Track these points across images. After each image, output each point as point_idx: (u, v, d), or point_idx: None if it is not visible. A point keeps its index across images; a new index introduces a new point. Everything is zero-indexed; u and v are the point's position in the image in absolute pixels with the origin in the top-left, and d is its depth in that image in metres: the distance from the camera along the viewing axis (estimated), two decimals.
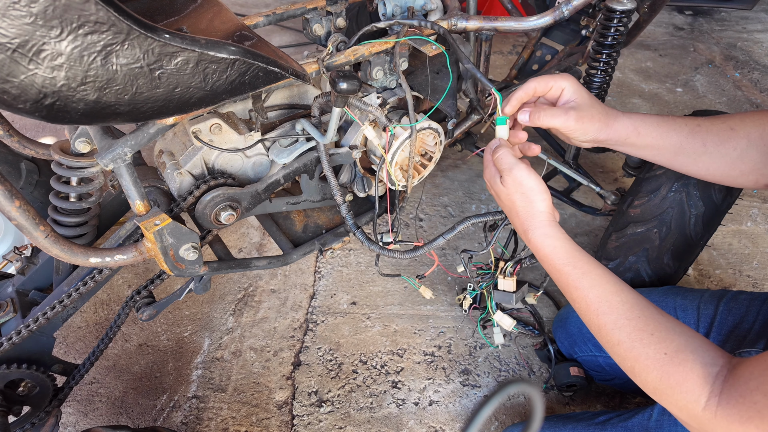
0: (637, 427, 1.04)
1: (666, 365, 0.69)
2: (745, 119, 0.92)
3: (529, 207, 0.86)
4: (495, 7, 3.03)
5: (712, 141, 0.92)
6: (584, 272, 0.81)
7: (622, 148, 0.99)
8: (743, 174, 0.92)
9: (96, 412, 1.42)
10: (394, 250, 1.14)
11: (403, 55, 1.13)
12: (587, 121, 0.91)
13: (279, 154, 1.09)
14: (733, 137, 0.91)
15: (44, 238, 0.83)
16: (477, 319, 1.52)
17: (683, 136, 0.94)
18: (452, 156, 2.26)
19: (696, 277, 1.76)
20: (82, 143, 1.02)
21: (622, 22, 1.34)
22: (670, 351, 0.70)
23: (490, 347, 1.54)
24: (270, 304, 1.68)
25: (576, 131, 0.92)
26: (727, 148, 0.92)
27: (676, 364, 0.69)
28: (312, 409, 1.41)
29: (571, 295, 0.83)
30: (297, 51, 3.05)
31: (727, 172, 0.93)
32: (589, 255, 0.83)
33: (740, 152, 0.91)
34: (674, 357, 0.69)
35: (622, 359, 0.76)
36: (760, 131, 0.89)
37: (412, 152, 1.15)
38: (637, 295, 0.78)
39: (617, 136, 0.94)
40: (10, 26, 0.54)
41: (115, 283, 1.75)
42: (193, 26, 0.89)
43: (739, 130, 0.91)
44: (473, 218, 1.11)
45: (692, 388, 0.67)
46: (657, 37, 3.26)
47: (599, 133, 0.93)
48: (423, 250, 1.14)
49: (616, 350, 0.76)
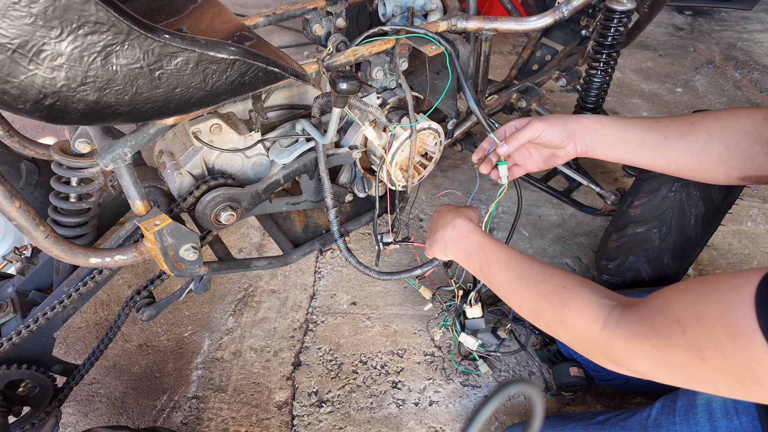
0: (635, 426, 1.04)
1: (565, 296, 0.79)
2: (707, 116, 0.96)
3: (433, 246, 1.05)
4: (495, 8, 3.03)
5: (673, 135, 0.96)
6: (484, 253, 0.95)
7: (594, 149, 1.05)
8: (711, 167, 0.94)
9: (96, 412, 1.42)
10: (370, 268, 1.21)
11: (403, 56, 1.13)
12: (550, 120, 1.03)
13: (279, 155, 1.09)
14: (694, 131, 0.95)
15: (44, 239, 0.83)
16: (449, 353, 1.54)
17: (643, 129, 0.99)
18: (452, 156, 2.26)
19: (696, 277, 1.76)
20: (82, 143, 1.02)
21: (622, 22, 1.34)
22: (569, 285, 0.80)
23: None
24: (270, 305, 1.68)
25: (545, 133, 1.03)
26: (688, 141, 0.95)
27: (574, 294, 0.78)
28: (312, 409, 1.41)
29: (485, 277, 0.96)
30: (297, 51, 3.05)
31: (695, 165, 0.96)
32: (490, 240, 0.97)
33: (703, 145, 0.93)
34: (572, 289, 0.79)
35: (529, 304, 0.85)
36: (721, 125, 0.92)
37: (412, 152, 1.15)
38: (532, 258, 0.90)
39: (585, 127, 1.03)
40: (10, 27, 0.54)
41: (115, 283, 1.75)
42: (193, 27, 0.89)
43: (699, 125, 0.95)
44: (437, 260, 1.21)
45: (590, 311, 0.74)
46: (657, 37, 3.26)
47: (566, 125, 1.02)
48: (397, 276, 1.23)
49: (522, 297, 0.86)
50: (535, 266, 0.87)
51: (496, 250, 0.94)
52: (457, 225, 1.02)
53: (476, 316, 1.43)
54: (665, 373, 0.66)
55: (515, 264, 0.89)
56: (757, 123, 0.89)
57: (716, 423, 0.92)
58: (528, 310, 0.86)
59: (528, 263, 0.88)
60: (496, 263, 0.92)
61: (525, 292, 0.86)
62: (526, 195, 2.06)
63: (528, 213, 2.00)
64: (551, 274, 0.83)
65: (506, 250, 0.93)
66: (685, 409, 0.97)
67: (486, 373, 1.47)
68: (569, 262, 1.80)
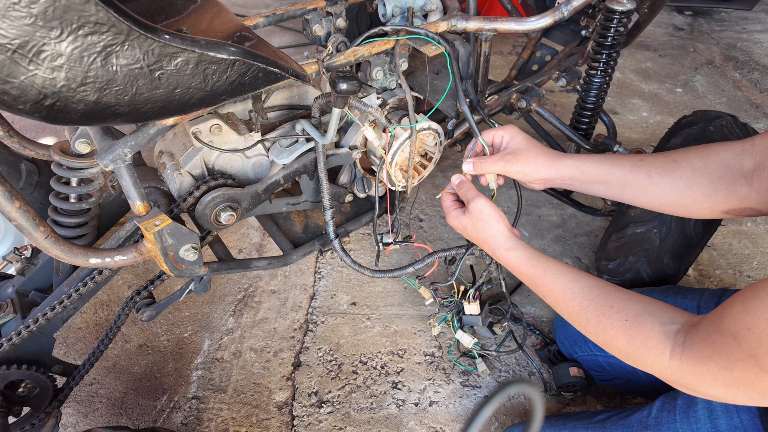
0: (636, 424, 1.04)
1: (629, 329, 0.77)
2: (688, 152, 0.96)
3: (490, 230, 0.99)
4: (495, 8, 3.04)
5: (656, 173, 0.97)
6: (546, 270, 0.91)
7: (572, 187, 1.06)
8: (696, 202, 0.94)
9: (96, 412, 1.42)
10: (364, 267, 1.22)
11: (403, 56, 1.13)
12: (524, 163, 1.02)
13: (279, 155, 1.09)
14: (677, 168, 0.95)
15: (44, 239, 0.83)
16: (448, 350, 1.54)
17: (626, 170, 0.99)
18: (452, 156, 2.26)
19: (696, 277, 1.76)
20: (82, 144, 1.02)
21: (622, 22, 1.34)
22: (630, 317, 0.78)
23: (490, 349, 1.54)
24: (270, 305, 1.68)
25: (517, 173, 1.03)
26: (672, 177, 0.95)
27: (637, 326, 0.76)
28: (312, 409, 1.41)
29: (541, 292, 0.93)
30: (297, 51, 3.05)
31: (680, 201, 0.96)
32: (548, 256, 0.94)
33: (687, 180, 0.94)
34: (634, 321, 0.77)
35: (594, 335, 0.83)
36: (704, 160, 0.93)
37: (412, 153, 1.15)
38: (593, 278, 0.87)
39: (561, 175, 1.03)
40: (10, 27, 0.54)
41: (115, 283, 1.75)
42: (193, 27, 0.89)
43: (682, 162, 0.95)
44: (440, 253, 1.26)
45: (656, 344, 0.73)
46: (657, 37, 3.26)
47: (541, 172, 1.02)
48: (391, 274, 1.25)
49: (588, 329, 0.84)
50: (594, 294, 0.84)
51: (547, 280, 0.90)
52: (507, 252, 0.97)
53: (473, 313, 1.44)
54: (738, 393, 0.65)
55: (571, 295, 0.86)
56: (736, 155, 0.90)
57: (716, 420, 0.92)
58: (595, 340, 0.84)
59: (585, 293, 0.85)
60: (551, 295, 0.90)
61: (588, 325, 0.84)
62: (526, 195, 2.06)
63: (528, 213, 2.00)
64: (611, 305, 0.81)
65: (557, 281, 0.89)
66: (686, 406, 0.97)
67: (484, 371, 1.47)
68: (569, 263, 1.80)
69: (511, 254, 0.96)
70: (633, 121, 2.53)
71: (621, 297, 0.81)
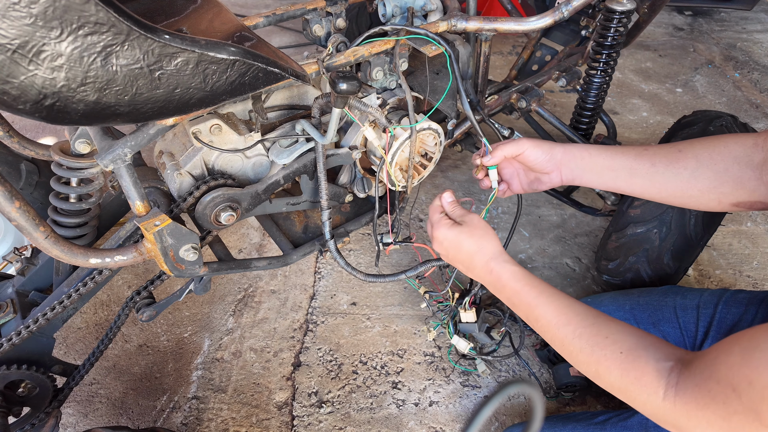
0: (636, 426, 1.04)
1: (623, 363, 0.74)
2: (695, 143, 0.95)
3: (487, 241, 0.96)
4: (495, 8, 3.04)
5: (661, 162, 0.96)
6: (540, 291, 0.87)
7: (583, 180, 1.05)
8: (702, 193, 0.93)
9: (96, 413, 1.42)
10: (357, 270, 1.22)
11: (403, 56, 1.13)
12: (537, 145, 1.03)
13: (279, 155, 1.09)
14: (682, 158, 0.94)
15: (44, 239, 0.83)
16: (447, 352, 1.54)
17: (631, 158, 0.99)
18: (452, 156, 2.26)
19: (696, 277, 1.76)
20: (82, 144, 1.02)
21: (622, 22, 1.34)
22: (625, 349, 0.75)
23: None
24: (270, 305, 1.68)
25: (529, 151, 1.03)
26: (677, 167, 0.94)
27: (631, 361, 0.73)
28: (312, 409, 1.41)
29: (533, 314, 0.88)
30: (297, 52, 3.05)
31: (686, 192, 0.95)
32: (541, 279, 0.91)
33: (691, 171, 0.93)
34: (629, 355, 0.74)
35: (586, 365, 0.80)
36: (710, 152, 0.92)
37: (412, 153, 1.15)
38: (587, 307, 0.83)
39: (572, 156, 1.03)
40: (10, 27, 0.54)
41: (115, 283, 1.75)
42: (193, 27, 0.90)
43: (687, 152, 0.94)
44: (433, 261, 1.22)
45: (650, 381, 0.71)
46: (657, 37, 3.26)
47: (556, 150, 1.03)
48: (383, 279, 1.24)
49: (579, 358, 0.81)
50: (589, 323, 0.81)
51: (540, 302, 0.87)
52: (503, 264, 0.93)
53: (470, 321, 1.42)
54: None
55: (565, 321, 0.83)
56: (746, 148, 0.89)
57: None
58: (585, 370, 0.81)
59: (579, 320, 0.82)
60: (543, 319, 0.86)
61: (580, 354, 0.80)
62: (526, 195, 2.06)
63: (528, 213, 2.00)
64: (606, 335, 0.78)
65: (551, 305, 0.86)
66: None
67: (484, 372, 1.47)
68: (569, 263, 1.80)
69: (508, 267, 0.92)
70: (633, 121, 2.53)
71: (615, 328, 0.78)
